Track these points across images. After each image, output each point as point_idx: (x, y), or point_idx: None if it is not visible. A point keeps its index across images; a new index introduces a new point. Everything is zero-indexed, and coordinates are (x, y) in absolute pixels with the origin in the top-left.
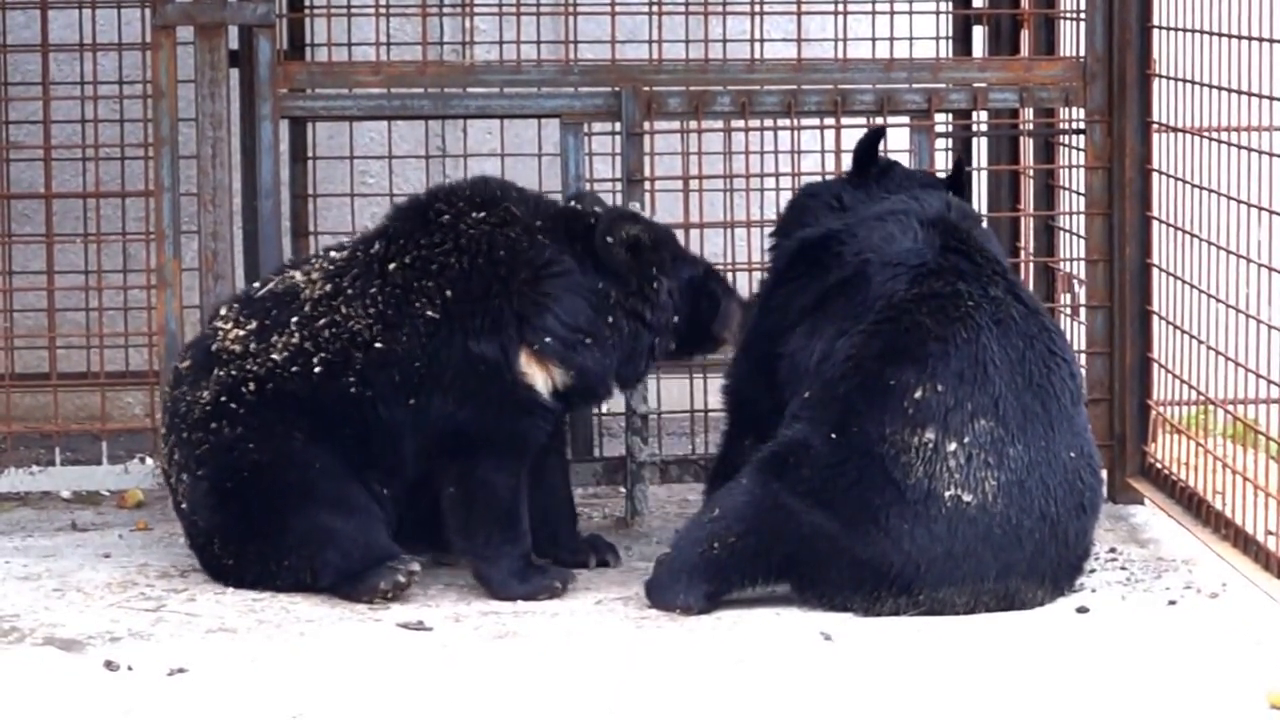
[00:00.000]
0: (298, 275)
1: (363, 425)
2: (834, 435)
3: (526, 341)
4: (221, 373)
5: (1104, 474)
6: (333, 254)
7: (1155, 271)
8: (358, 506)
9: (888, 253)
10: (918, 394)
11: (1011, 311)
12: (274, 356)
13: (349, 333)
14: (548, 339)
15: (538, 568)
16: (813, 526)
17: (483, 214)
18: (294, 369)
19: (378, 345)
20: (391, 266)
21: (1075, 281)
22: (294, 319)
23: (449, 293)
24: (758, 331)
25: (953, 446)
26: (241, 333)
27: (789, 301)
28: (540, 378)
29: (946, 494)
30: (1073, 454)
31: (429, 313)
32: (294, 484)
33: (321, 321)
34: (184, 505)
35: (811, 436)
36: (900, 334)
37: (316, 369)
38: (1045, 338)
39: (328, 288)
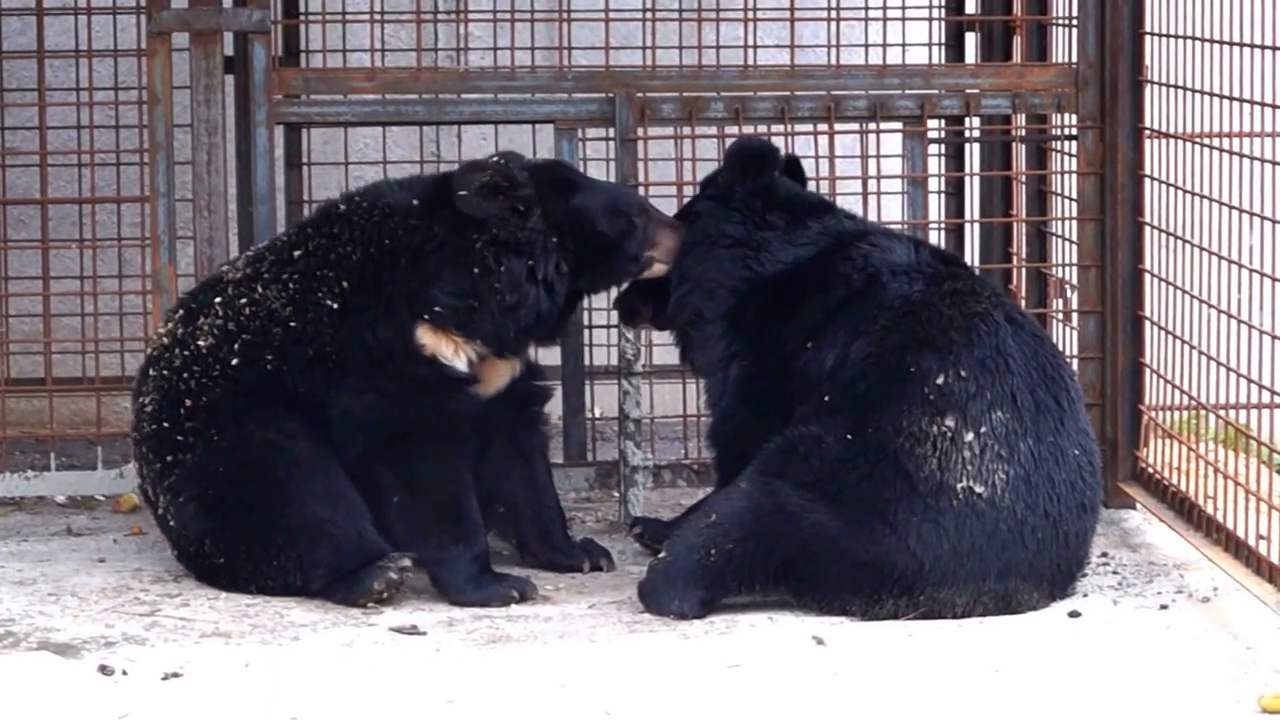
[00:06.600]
0: (225, 268)
1: (291, 407)
2: (850, 436)
3: (418, 316)
4: (154, 371)
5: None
6: (257, 247)
7: (1147, 277)
8: (338, 493)
9: (896, 263)
10: (940, 380)
11: (1015, 314)
12: (200, 342)
13: (267, 311)
14: (437, 309)
15: (495, 574)
16: (813, 528)
17: (371, 210)
18: (220, 353)
19: (292, 324)
20: (297, 254)
21: (1067, 287)
22: (217, 299)
23: (345, 284)
24: (753, 369)
25: (970, 436)
26: (170, 325)
27: (788, 326)
28: (446, 347)
29: (959, 485)
30: (1077, 451)
31: (329, 302)
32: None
33: (242, 301)
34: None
35: (825, 435)
36: (921, 324)
37: (238, 349)
38: (1048, 342)
39: (248, 271)
